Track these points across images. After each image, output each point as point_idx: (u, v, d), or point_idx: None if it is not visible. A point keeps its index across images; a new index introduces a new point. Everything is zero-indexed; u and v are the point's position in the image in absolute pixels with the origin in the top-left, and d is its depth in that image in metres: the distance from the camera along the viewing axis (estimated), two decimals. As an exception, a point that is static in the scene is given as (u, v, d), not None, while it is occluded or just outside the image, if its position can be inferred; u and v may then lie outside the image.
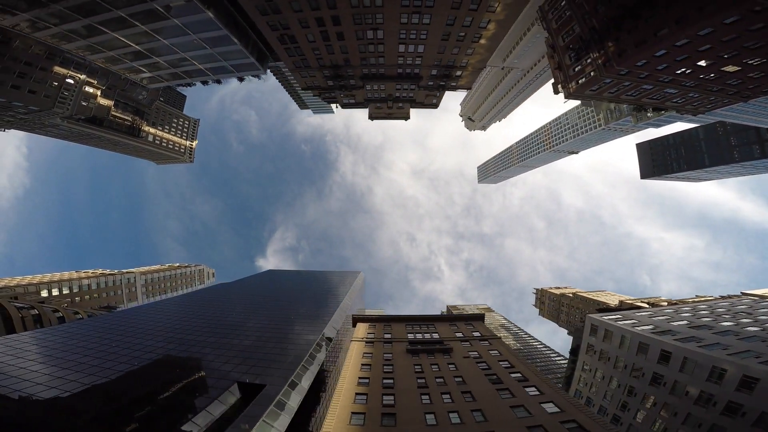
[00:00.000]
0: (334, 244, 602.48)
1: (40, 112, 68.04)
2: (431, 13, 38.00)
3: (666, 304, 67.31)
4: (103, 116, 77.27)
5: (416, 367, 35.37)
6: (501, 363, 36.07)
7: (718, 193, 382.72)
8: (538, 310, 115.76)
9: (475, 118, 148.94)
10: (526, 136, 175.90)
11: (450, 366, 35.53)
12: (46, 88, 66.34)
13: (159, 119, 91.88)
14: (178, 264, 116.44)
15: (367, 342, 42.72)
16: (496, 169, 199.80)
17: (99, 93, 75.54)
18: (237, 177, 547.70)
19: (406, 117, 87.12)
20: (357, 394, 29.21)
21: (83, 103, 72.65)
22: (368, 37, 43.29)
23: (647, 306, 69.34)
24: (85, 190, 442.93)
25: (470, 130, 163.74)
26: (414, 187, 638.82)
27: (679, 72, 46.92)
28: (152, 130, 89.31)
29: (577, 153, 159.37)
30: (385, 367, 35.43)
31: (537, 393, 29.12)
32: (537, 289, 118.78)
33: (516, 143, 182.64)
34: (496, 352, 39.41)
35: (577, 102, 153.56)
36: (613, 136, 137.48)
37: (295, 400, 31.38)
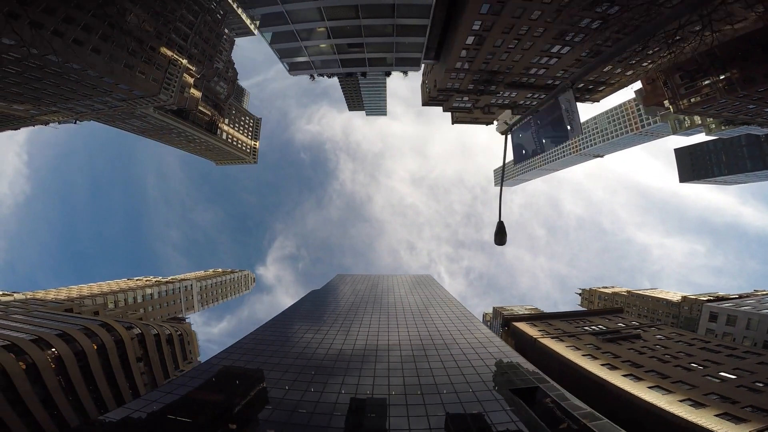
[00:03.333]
0: (334, 252, 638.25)
1: (140, 99, 67.16)
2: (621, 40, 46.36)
3: (738, 296, 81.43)
4: (192, 108, 77.30)
5: (630, 351, 43.32)
6: (694, 339, 45.21)
7: (719, 199, 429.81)
8: (585, 309, 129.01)
9: (512, 122, 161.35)
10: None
11: (656, 347, 43.98)
12: (154, 71, 65.51)
13: (230, 115, 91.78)
14: (221, 269, 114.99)
15: (552, 338, 49.97)
16: (515, 172, 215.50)
17: (192, 82, 75.83)
18: (237, 185, 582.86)
19: (490, 122, 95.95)
20: (622, 375, 36.41)
21: (180, 92, 72.64)
22: (552, 51, 50.83)
23: (715, 299, 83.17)
24: (86, 198, 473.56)
25: (501, 134, 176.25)
26: (414, 195, 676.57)
27: (788, 95, 59.92)
28: (225, 127, 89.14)
29: (602, 156, 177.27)
30: (604, 354, 42.90)
31: (756, 354, 38.35)
32: (583, 290, 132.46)
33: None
34: (675, 333, 48.62)
35: (606, 107, 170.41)
36: (642, 140, 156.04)
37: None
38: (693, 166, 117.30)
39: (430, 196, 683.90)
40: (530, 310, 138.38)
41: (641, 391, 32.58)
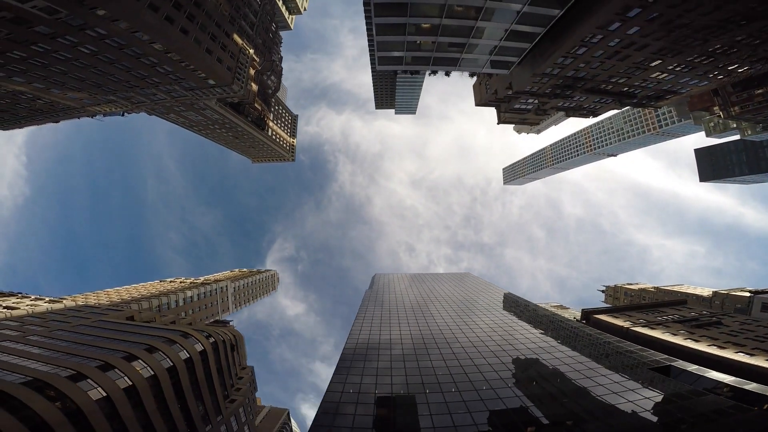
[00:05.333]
0: (333, 254, 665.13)
1: (211, 88, 68.68)
2: (715, 57, 55.50)
3: None
4: (249, 102, 79.82)
5: (723, 334, 52.41)
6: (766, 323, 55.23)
7: (720, 200, 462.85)
8: (610, 306, 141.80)
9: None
10: (562, 139, 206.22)
11: (743, 330, 53.36)
12: (228, 59, 66.91)
13: (274, 111, 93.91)
14: (248, 269, 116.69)
15: (642, 326, 58.63)
16: (525, 171, 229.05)
17: (253, 74, 78.44)
18: (236, 188, 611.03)
19: (537, 123, 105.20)
20: (735, 352, 45.20)
21: (245, 84, 74.73)
22: (642, 63, 59.09)
23: (748, 294, 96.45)
24: (85, 200, 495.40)
25: (519, 133, 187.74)
26: (413, 197, 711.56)
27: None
28: (271, 123, 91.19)
29: (615, 156, 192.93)
30: (702, 337, 51.73)
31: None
32: (607, 286, 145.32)
33: (550, 145, 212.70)
34: (749, 319, 58.62)
35: (621, 109, 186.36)
36: (657, 140, 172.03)
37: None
38: (713, 166, 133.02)
39: (429, 198, 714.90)
40: (555, 307, 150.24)
41: (763, 362, 41.21)
